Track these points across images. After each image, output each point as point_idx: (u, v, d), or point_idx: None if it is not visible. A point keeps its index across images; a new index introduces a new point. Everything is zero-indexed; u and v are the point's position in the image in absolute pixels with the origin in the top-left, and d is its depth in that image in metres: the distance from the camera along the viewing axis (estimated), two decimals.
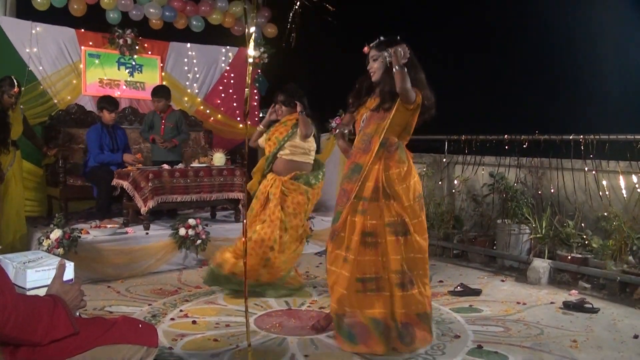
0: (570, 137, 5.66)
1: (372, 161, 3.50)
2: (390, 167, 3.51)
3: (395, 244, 3.44)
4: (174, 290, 4.95)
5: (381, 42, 3.61)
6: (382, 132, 3.50)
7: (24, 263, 1.90)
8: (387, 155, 3.53)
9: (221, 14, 8.63)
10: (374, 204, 3.48)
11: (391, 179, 3.49)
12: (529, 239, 5.77)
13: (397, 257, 3.44)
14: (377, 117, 3.56)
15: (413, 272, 3.48)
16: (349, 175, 3.60)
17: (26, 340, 1.72)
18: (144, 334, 2.02)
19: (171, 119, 6.83)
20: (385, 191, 3.48)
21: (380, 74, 3.58)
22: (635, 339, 3.82)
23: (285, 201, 4.67)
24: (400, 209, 3.47)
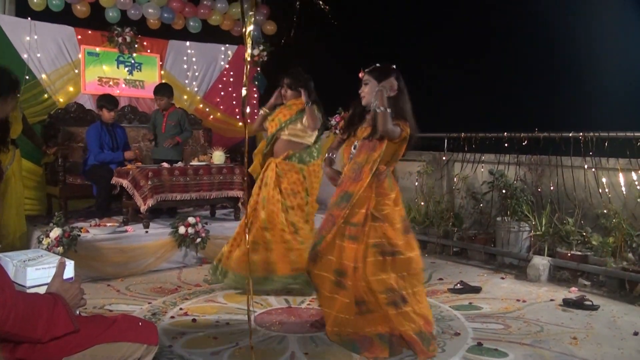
0: (570, 134, 5.66)
1: (365, 190, 3.51)
2: (381, 194, 3.55)
3: (379, 265, 3.44)
4: (173, 288, 4.95)
5: (375, 68, 3.66)
6: (373, 163, 3.51)
7: (24, 261, 1.90)
8: (378, 184, 3.56)
9: (220, 16, 8.63)
10: (362, 229, 3.49)
11: (382, 204, 3.53)
12: (528, 236, 5.78)
13: (382, 277, 3.43)
14: (367, 147, 3.59)
15: (406, 291, 3.47)
16: (337, 202, 3.59)
17: (26, 338, 1.73)
18: (143, 332, 2.02)
19: (173, 117, 6.82)
20: (374, 215, 3.51)
21: (369, 98, 3.62)
22: (635, 335, 3.82)
23: (282, 183, 4.67)
24: (391, 231, 3.50)
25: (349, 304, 3.46)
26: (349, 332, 3.50)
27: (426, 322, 3.51)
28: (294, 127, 4.72)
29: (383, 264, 3.44)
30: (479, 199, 6.56)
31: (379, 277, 3.41)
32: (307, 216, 4.80)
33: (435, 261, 6.11)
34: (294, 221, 4.64)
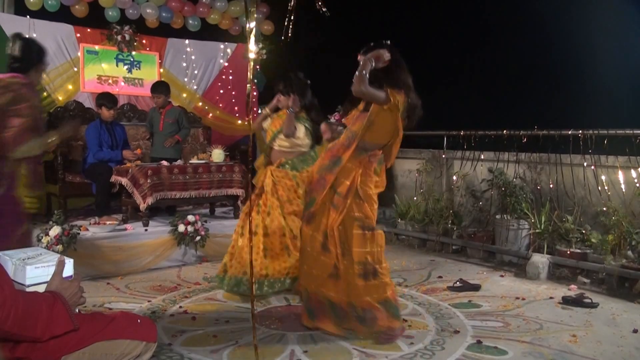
0: (569, 132, 5.66)
1: (351, 159, 3.67)
2: (366, 174, 3.71)
3: (361, 238, 3.63)
4: (173, 286, 4.95)
5: (369, 48, 3.75)
6: (362, 128, 3.64)
7: (23, 259, 1.90)
8: (367, 164, 3.71)
9: (219, 15, 8.62)
10: (344, 201, 3.65)
11: (366, 184, 3.69)
12: (528, 234, 5.78)
13: (361, 249, 3.62)
14: (362, 117, 3.71)
15: (376, 265, 3.63)
16: (329, 166, 3.74)
17: (26, 337, 1.72)
18: (142, 329, 2.03)
19: (170, 115, 6.80)
20: (358, 193, 3.66)
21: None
22: (634, 333, 3.82)
23: (277, 190, 4.66)
24: (368, 210, 3.68)
25: (329, 264, 3.67)
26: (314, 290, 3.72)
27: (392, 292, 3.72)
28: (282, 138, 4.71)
29: (363, 237, 3.63)
30: (479, 196, 6.56)
31: (361, 249, 3.62)
32: None
33: (434, 259, 6.12)
34: (292, 227, 4.62)
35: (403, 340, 3.66)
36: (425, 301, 4.56)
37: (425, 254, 6.37)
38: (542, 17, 7.55)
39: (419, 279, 5.29)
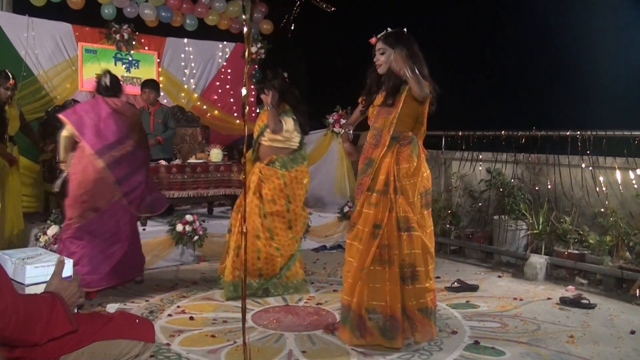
0: (567, 133, 5.67)
1: (384, 154, 3.52)
2: (400, 161, 3.53)
3: (398, 240, 3.45)
4: (171, 286, 4.95)
5: (389, 34, 3.60)
6: (390, 126, 3.52)
7: (23, 259, 1.89)
8: (400, 150, 3.55)
9: (217, 15, 8.61)
10: (384, 197, 3.49)
11: (401, 174, 3.51)
12: (526, 234, 5.79)
13: (400, 252, 3.45)
14: (384, 112, 3.59)
15: (415, 268, 3.46)
16: (363, 169, 3.62)
17: (24, 342, 1.72)
18: (140, 329, 2.03)
19: (159, 115, 6.76)
20: (396, 185, 3.50)
21: (386, 67, 3.60)
22: (631, 334, 3.83)
23: (263, 188, 4.63)
24: (405, 204, 3.48)
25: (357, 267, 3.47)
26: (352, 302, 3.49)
27: (432, 298, 3.57)
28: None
29: (399, 239, 3.46)
30: (477, 197, 6.56)
31: (397, 251, 3.45)
32: (289, 223, 4.71)
33: None
34: (271, 227, 4.59)
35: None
36: None
37: None
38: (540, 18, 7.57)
39: None
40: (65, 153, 4.46)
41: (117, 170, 4.35)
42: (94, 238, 4.31)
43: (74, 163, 4.39)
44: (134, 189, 4.49)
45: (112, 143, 4.37)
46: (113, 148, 4.36)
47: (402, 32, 3.61)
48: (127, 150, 4.44)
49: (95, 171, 4.29)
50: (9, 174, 5.45)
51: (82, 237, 4.28)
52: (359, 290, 3.47)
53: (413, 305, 3.47)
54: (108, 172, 4.31)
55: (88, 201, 4.29)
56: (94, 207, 4.31)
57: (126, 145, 4.45)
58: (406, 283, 3.45)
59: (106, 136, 4.36)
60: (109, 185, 4.33)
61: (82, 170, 4.30)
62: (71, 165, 4.40)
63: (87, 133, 4.33)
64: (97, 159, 4.28)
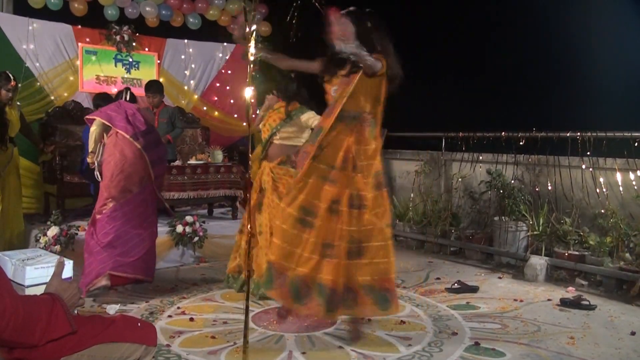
0: (568, 134, 5.67)
1: (344, 132, 3.55)
2: (360, 141, 3.57)
3: (349, 216, 3.51)
4: (171, 287, 4.94)
5: (351, 11, 3.62)
6: (342, 98, 3.52)
7: (23, 260, 1.90)
8: (359, 130, 3.58)
9: (218, 11, 8.62)
10: (343, 174, 3.54)
11: (359, 153, 3.56)
12: (526, 236, 5.78)
13: (350, 228, 3.50)
14: (344, 83, 3.59)
15: (362, 243, 3.51)
16: (312, 137, 3.67)
17: (23, 344, 1.72)
18: (142, 332, 2.02)
19: (164, 115, 6.79)
20: (356, 163, 3.55)
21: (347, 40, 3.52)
22: (632, 335, 3.83)
23: (278, 188, 4.62)
24: (362, 182, 3.54)
25: (315, 243, 3.50)
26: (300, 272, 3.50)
27: (383, 279, 3.54)
28: (285, 130, 4.62)
29: (350, 215, 3.51)
30: (477, 198, 6.56)
31: (348, 227, 3.50)
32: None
33: (432, 260, 6.12)
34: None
35: (401, 341, 3.67)
36: (423, 303, 4.56)
37: (424, 256, 6.38)
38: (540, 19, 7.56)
39: (417, 280, 5.29)
40: (95, 144, 4.82)
41: (152, 153, 4.75)
42: (129, 220, 4.63)
43: (108, 148, 4.74)
44: (161, 175, 5.01)
45: (143, 131, 4.77)
46: (145, 135, 4.77)
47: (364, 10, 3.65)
48: (156, 138, 4.96)
49: (134, 151, 4.67)
50: (9, 175, 5.45)
51: (117, 217, 4.59)
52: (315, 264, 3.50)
53: (357, 281, 3.50)
54: (144, 153, 4.69)
55: (123, 180, 4.63)
56: (129, 188, 4.66)
57: (153, 135, 4.90)
58: (352, 258, 3.49)
59: (136, 125, 4.75)
60: (146, 165, 4.71)
61: (120, 152, 4.66)
62: (106, 150, 4.75)
63: (119, 123, 4.71)
64: (134, 141, 4.66)
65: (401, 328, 3.94)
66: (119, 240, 4.52)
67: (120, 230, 4.56)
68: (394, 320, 4.08)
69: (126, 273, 4.60)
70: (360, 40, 3.49)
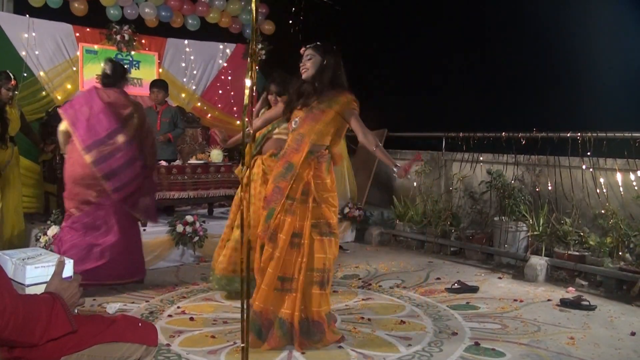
0: (568, 134, 5.67)
1: (302, 164, 3.57)
2: (318, 176, 3.62)
3: (320, 244, 3.55)
4: (171, 287, 4.95)
5: (318, 45, 3.73)
6: (313, 134, 3.59)
7: (23, 259, 1.89)
8: (317, 165, 3.62)
9: (218, 13, 8.61)
10: (303, 206, 3.57)
11: (320, 188, 3.61)
12: (526, 236, 5.78)
13: (322, 255, 3.54)
14: (310, 118, 3.64)
15: (329, 273, 3.59)
16: (283, 173, 3.62)
17: (23, 343, 1.71)
18: (143, 332, 2.02)
19: (166, 115, 6.79)
20: (315, 196, 3.58)
21: (312, 72, 3.66)
22: (632, 335, 3.83)
23: (267, 180, 4.58)
24: (328, 212, 3.60)
25: (272, 275, 3.52)
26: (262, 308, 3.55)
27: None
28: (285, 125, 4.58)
29: (321, 243, 3.55)
30: (477, 198, 6.57)
31: (320, 255, 3.53)
32: None
33: (432, 261, 6.12)
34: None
35: (401, 341, 3.67)
36: (423, 303, 4.56)
37: (424, 256, 6.38)
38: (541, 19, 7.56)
39: (417, 280, 5.29)
40: (64, 146, 4.67)
41: (104, 166, 4.46)
42: (87, 231, 4.50)
43: (67, 157, 4.62)
44: (125, 185, 4.56)
45: (102, 138, 4.47)
46: (102, 143, 4.47)
47: (330, 44, 3.76)
48: (116, 146, 4.50)
49: (83, 165, 4.44)
50: (10, 174, 5.45)
51: (77, 228, 4.49)
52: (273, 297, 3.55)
53: (323, 311, 3.55)
54: (94, 167, 4.42)
55: (79, 194, 4.50)
56: (86, 199, 4.50)
57: (116, 140, 4.52)
58: (323, 288, 3.55)
59: (97, 131, 4.47)
60: (97, 179, 4.45)
61: (72, 164, 4.52)
62: (66, 156, 4.63)
63: (79, 128, 4.48)
64: (85, 154, 4.42)
65: (401, 328, 3.94)
66: (73, 250, 4.35)
67: (76, 241, 4.45)
68: (394, 320, 4.09)
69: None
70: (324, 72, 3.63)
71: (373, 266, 5.82)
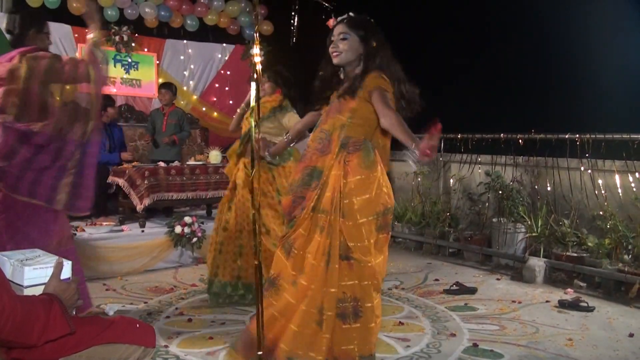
0: (567, 136, 5.67)
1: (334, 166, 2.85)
2: (348, 172, 2.81)
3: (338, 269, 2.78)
4: (169, 288, 4.94)
5: (352, 18, 2.98)
6: (340, 129, 2.88)
7: (21, 261, 1.89)
8: (347, 158, 2.83)
9: (217, 14, 8.62)
10: (327, 218, 2.81)
11: (347, 188, 2.80)
12: (524, 237, 5.78)
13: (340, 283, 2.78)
14: (334, 109, 2.94)
15: (358, 302, 2.78)
16: (306, 180, 2.92)
17: (21, 344, 1.71)
18: (141, 334, 2.02)
19: (173, 116, 6.83)
20: (341, 203, 2.79)
21: (350, 55, 2.92)
22: (630, 337, 3.83)
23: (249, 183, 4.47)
24: (345, 227, 2.78)
25: (308, 313, 2.76)
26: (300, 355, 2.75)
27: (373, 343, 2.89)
28: (267, 125, 4.48)
29: (339, 268, 2.78)
30: (475, 200, 6.57)
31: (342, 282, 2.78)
32: (282, 218, 4.36)
33: (431, 262, 6.12)
34: (265, 222, 4.36)
35: (399, 343, 3.67)
36: (422, 304, 4.56)
37: (422, 257, 6.38)
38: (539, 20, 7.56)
39: (415, 281, 5.29)
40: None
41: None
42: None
43: None
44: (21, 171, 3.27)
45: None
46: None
47: (368, 18, 3.03)
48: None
49: None
50: None
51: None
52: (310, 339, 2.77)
53: (352, 351, 2.77)
54: None
55: None
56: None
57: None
58: (346, 321, 2.77)
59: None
60: None
61: None
62: None
63: None
64: None
65: (400, 329, 3.94)
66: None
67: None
68: (392, 321, 4.08)
69: None
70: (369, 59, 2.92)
71: None
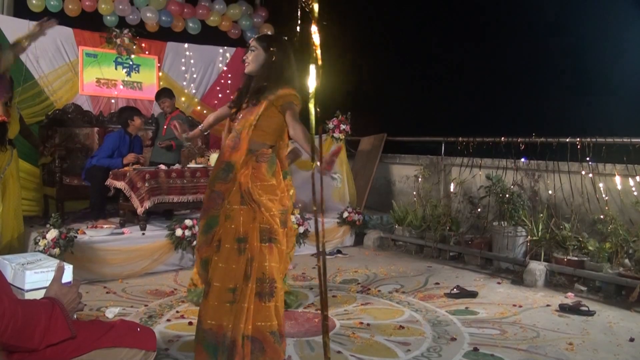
0: (567, 139, 5.68)
1: (242, 164, 3.27)
2: (257, 178, 3.27)
3: (261, 250, 3.17)
4: (170, 291, 4.94)
5: (265, 36, 3.59)
6: (249, 128, 3.27)
7: (22, 264, 1.89)
8: (255, 166, 3.29)
9: (219, 17, 8.63)
10: (245, 207, 3.22)
11: (257, 191, 3.23)
12: (525, 241, 5.78)
13: (259, 264, 3.15)
14: (245, 112, 3.36)
15: (274, 283, 3.15)
16: (221, 175, 3.29)
17: (22, 347, 1.72)
18: (142, 337, 2.02)
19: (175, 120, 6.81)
20: (254, 198, 3.21)
21: (255, 66, 3.42)
22: (631, 341, 3.83)
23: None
24: (268, 216, 3.21)
25: (220, 288, 3.14)
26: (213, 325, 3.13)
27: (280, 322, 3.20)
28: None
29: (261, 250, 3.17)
30: (476, 203, 6.57)
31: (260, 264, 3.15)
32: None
33: (432, 265, 6.12)
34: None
35: (400, 347, 3.67)
36: (422, 308, 4.56)
37: (423, 260, 6.37)
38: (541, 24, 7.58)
39: (415, 285, 5.29)
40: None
41: None
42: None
43: None
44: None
45: None
46: None
47: (278, 36, 3.56)
48: None
49: None
50: (9, 177, 5.44)
51: None
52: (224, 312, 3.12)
53: (265, 327, 3.11)
54: None
55: None
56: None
57: None
58: (263, 300, 3.12)
59: None
60: None
61: None
62: None
63: None
64: None
65: (400, 333, 3.94)
66: None
67: None
68: (393, 325, 4.08)
69: None
70: (271, 69, 3.36)
71: (372, 271, 5.82)
